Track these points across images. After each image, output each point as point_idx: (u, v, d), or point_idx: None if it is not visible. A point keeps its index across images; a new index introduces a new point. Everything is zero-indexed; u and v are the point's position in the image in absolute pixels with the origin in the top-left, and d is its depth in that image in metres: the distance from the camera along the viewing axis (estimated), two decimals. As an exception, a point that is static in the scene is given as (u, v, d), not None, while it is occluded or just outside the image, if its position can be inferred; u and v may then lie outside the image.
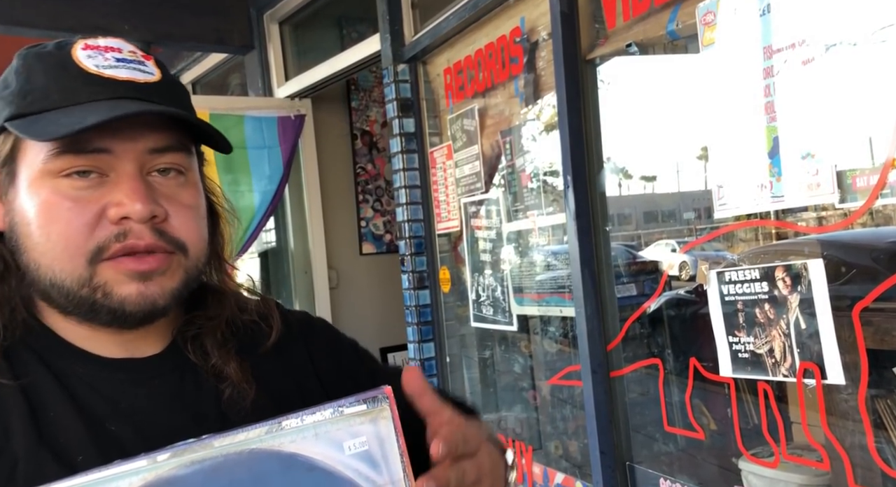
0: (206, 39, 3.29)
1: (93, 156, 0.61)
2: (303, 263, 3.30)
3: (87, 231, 0.61)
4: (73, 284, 0.62)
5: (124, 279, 0.63)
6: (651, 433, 1.63)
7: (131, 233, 0.62)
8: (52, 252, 0.62)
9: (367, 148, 3.58)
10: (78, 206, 0.61)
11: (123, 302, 0.63)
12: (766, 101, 1.21)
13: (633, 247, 1.72)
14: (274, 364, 0.76)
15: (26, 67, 0.65)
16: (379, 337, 3.44)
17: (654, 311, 1.60)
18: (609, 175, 1.67)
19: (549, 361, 1.98)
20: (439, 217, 2.31)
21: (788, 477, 1.31)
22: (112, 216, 0.62)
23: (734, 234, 1.39)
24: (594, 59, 1.64)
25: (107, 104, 0.62)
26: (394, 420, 0.55)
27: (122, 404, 0.65)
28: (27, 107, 0.62)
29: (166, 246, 0.64)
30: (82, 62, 0.64)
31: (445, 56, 2.21)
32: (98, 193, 0.62)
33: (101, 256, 0.62)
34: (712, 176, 1.34)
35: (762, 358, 1.26)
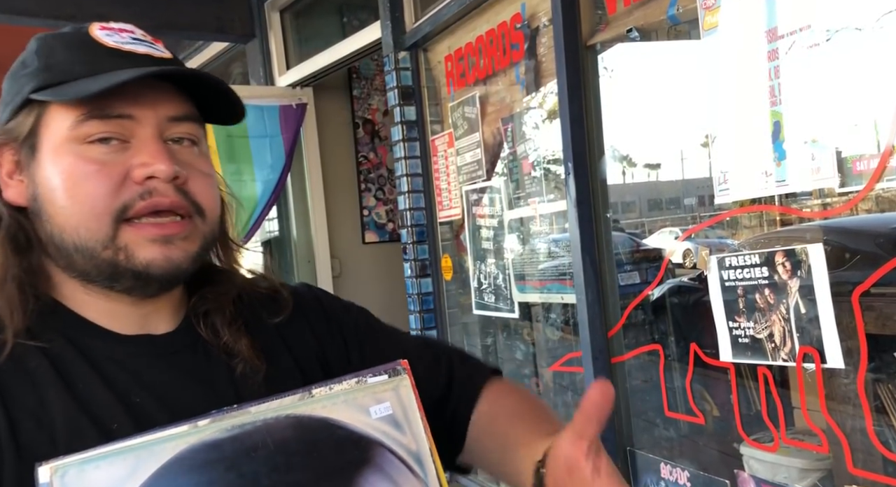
0: (207, 28, 3.29)
1: (117, 121, 0.64)
2: (306, 252, 3.31)
3: (113, 191, 0.64)
4: (96, 245, 0.64)
5: (146, 243, 0.65)
6: (652, 418, 1.63)
7: (156, 191, 0.64)
8: (80, 213, 0.64)
9: (369, 136, 3.58)
10: (105, 169, 0.64)
11: (149, 265, 0.65)
12: (769, 85, 1.20)
13: (637, 235, 1.72)
14: (277, 340, 0.78)
15: (46, 47, 0.67)
16: (382, 325, 3.45)
17: (655, 297, 1.60)
18: (611, 162, 1.66)
19: (550, 348, 1.99)
20: (441, 205, 2.31)
21: (790, 462, 1.31)
22: (137, 176, 0.64)
23: (738, 221, 1.38)
24: (595, 45, 1.63)
25: (131, 70, 0.64)
26: (413, 389, 0.60)
27: (144, 377, 0.68)
28: (52, 78, 0.65)
29: (188, 206, 0.67)
30: (102, 39, 0.66)
31: (446, 43, 2.20)
32: (122, 157, 0.64)
33: (126, 215, 0.64)
34: (714, 161, 1.34)
35: (762, 343, 1.26)
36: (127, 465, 0.51)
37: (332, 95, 3.41)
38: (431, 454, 0.59)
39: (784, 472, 1.33)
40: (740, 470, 1.39)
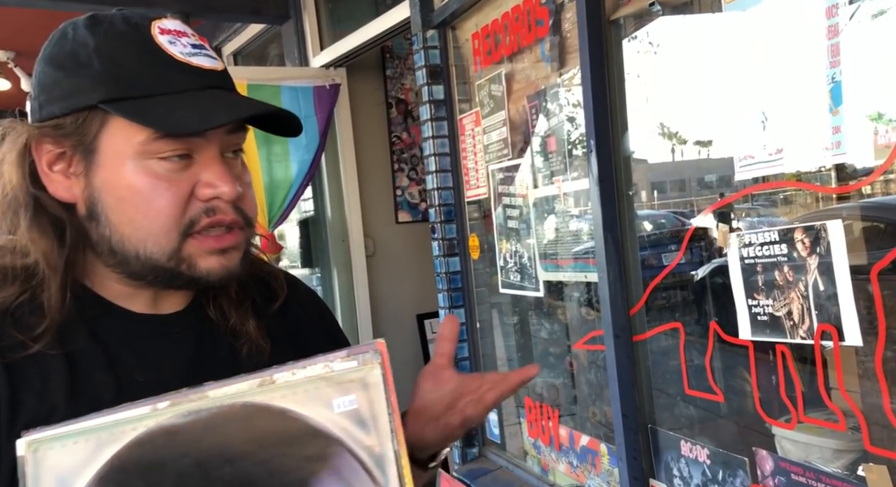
0: (243, 10, 3.34)
1: (190, 140, 0.68)
2: (340, 232, 3.36)
3: (181, 208, 0.68)
4: (161, 256, 0.69)
5: (206, 254, 0.70)
6: (672, 396, 1.63)
7: (219, 209, 0.69)
8: (149, 228, 0.68)
9: (402, 116, 3.60)
10: (173, 186, 0.67)
11: (209, 273, 0.70)
12: (827, 46, 1.15)
13: (683, 215, 1.68)
14: (280, 325, 0.82)
15: (109, 48, 0.67)
16: (415, 304, 3.50)
17: (676, 275, 1.59)
18: (636, 139, 1.65)
19: (574, 326, 2.00)
20: (468, 184, 2.32)
21: (823, 442, 1.30)
22: (204, 195, 0.69)
23: (776, 198, 1.34)
24: (618, 20, 1.61)
25: (208, 95, 0.68)
26: (385, 376, 0.56)
27: (149, 356, 0.71)
28: (125, 90, 0.66)
29: (242, 221, 0.72)
30: (168, 48, 0.68)
31: (474, 20, 2.20)
32: (187, 174, 0.68)
33: (192, 229, 0.69)
34: (741, 137, 1.32)
35: (781, 321, 1.25)
36: (89, 446, 0.52)
37: (365, 75, 3.44)
38: (398, 458, 0.54)
39: (817, 452, 1.31)
40: (759, 448, 1.39)
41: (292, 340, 0.83)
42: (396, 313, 3.48)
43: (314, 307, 0.91)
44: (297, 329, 0.84)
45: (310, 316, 0.88)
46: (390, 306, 3.46)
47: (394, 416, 0.55)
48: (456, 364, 2.52)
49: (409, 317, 3.53)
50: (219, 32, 4.01)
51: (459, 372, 0.77)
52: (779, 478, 1.34)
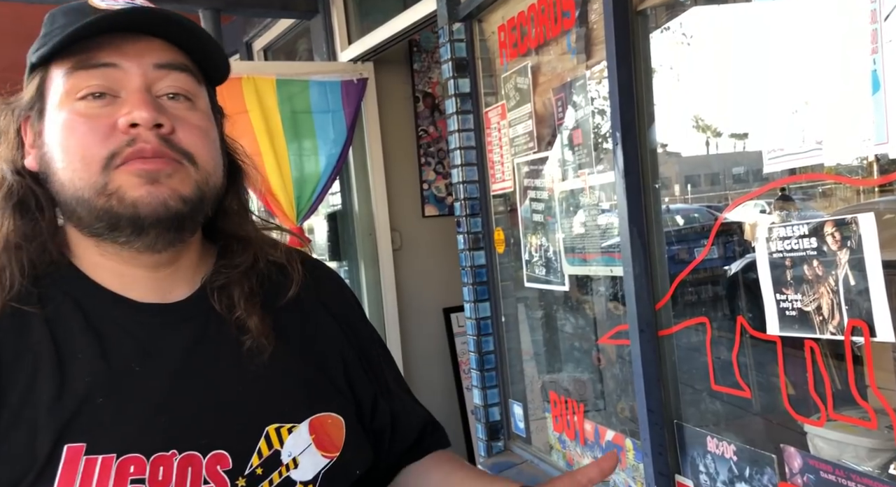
0: (273, 5, 3.38)
1: (101, 70, 0.68)
2: (367, 225, 3.39)
3: (100, 141, 0.67)
4: (91, 193, 0.68)
5: (135, 182, 0.67)
6: (699, 391, 1.61)
7: (139, 138, 0.67)
8: (72, 164, 0.68)
9: (429, 110, 3.60)
10: (92, 121, 0.68)
11: (136, 204, 0.67)
12: (871, 29, 1.11)
13: (713, 207, 1.65)
14: (291, 317, 0.80)
15: (50, 17, 0.72)
16: (442, 297, 3.51)
17: (703, 270, 1.56)
18: (664, 131, 1.62)
19: (599, 320, 1.98)
20: (494, 178, 2.31)
21: (858, 441, 1.27)
22: (121, 124, 0.67)
23: (813, 192, 1.31)
24: (645, 10, 1.59)
25: (103, 22, 0.67)
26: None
27: (149, 346, 0.70)
28: (47, 41, 0.69)
29: (173, 153, 0.69)
30: (96, 4, 0.70)
31: (500, 13, 2.19)
32: (110, 110, 0.68)
33: (114, 162, 0.67)
34: (773, 128, 1.29)
35: (810, 316, 1.22)
36: None
37: (392, 69, 3.44)
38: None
39: (851, 451, 1.28)
40: (787, 445, 1.36)
41: (304, 329, 0.80)
42: (423, 307, 3.49)
43: (337, 297, 0.87)
44: (311, 317, 0.82)
45: (329, 307, 0.85)
46: (417, 300, 3.47)
47: None
48: (482, 356, 2.52)
49: (436, 311, 3.54)
50: (249, 28, 4.06)
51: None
52: (807, 476, 1.32)
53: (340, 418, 0.77)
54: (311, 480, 0.73)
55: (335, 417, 0.77)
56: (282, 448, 0.72)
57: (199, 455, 0.68)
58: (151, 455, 0.66)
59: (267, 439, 0.71)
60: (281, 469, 0.71)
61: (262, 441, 0.71)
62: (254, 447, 0.70)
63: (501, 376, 2.41)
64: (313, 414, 0.75)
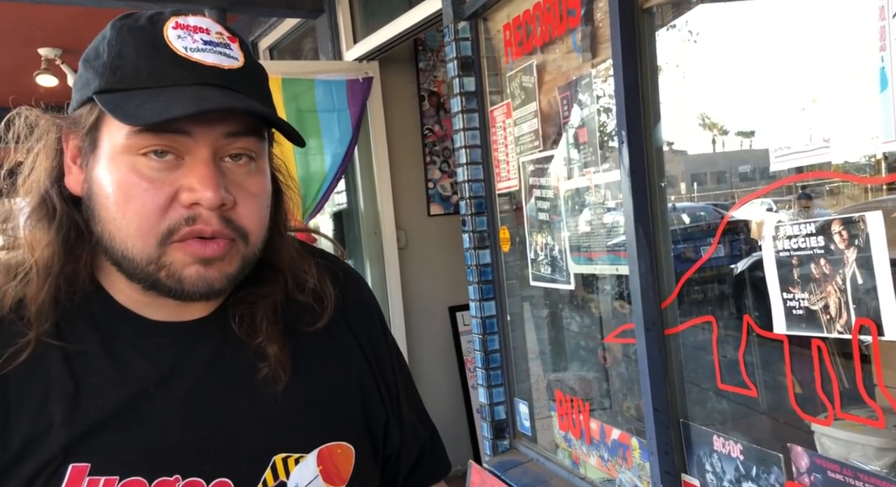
0: (279, 4, 3.38)
1: (171, 136, 0.64)
2: (372, 224, 3.39)
3: (159, 213, 0.65)
4: (142, 261, 0.66)
5: (189, 261, 0.66)
6: (705, 390, 1.60)
7: (200, 218, 0.65)
8: (127, 229, 0.65)
9: (434, 109, 3.60)
10: (153, 188, 0.64)
11: (182, 281, 0.66)
12: (879, 26, 1.11)
13: (720, 206, 1.65)
14: (315, 340, 0.77)
15: (120, 40, 0.67)
16: (447, 296, 3.51)
17: (709, 268, 1.56)
18: (670, 129, 1.62)
19: (605, 319, 1.98)
20: (499, 176, 2.31)
21: (866, 440, 1.27)
22: (184, 200, 0.65)
23: (821, 189, 1.30)
24: (651, 8, 1.58)
25: (191, 90, 0.64)
26: None
27: (164, 367, 0.69)
28: (116, 82, 0.65)
29: (231, 233, 0.67)
30: (172, 43, 0.65)
31: (505, 11, 2.18)
32: (173, 176, 0.65)
33: (171, 238, 0.65)
34: (780, 126, 1.28)
35: (817, 315, 1.22)
36: None
37: (397, 68, 3.45)
38: None
39: (859, 450, 1.28)
40: (794, 445, 1.36)
41: (324, 353, 0.78)
42: (428, 305, 3.49)
43: (363, 316, 0.84)
44: (333, 340, 0.79)
45: (352, 326, 0.82)
46: (422, 298, 3.47)
47: None
48: (487, 355, 2.51)
49: (441, 310, 3.54)
50: (255, 27, 4.07)
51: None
52: (815, 475, 1.31)
53: (351, 447, 0.76)
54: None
55: (345, 446, 0.75)
56: (287, 480, 0.70)
57: (202, 482, 0.67)
58: (154, 480, 0.65)
59: (273, 469, 0.70)
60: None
61: (268, 470, 0.70)
62: (259, 476, 0.69)
63: (507, 374, 2.41)
64: (323, 444, 0.74)
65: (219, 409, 0.70)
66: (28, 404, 0.64)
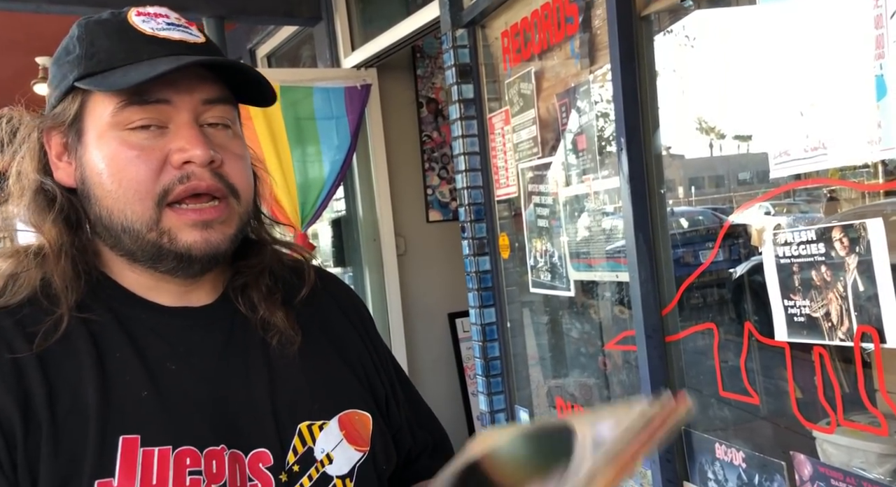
0: (277, 12, 3.38)
1: (154, 107, 0.68)
2: (371, 231, 3.38)
3: (153, 175, 0.68)
4: (142, 227, 0.69)
5: (187, 227, 0.69)
6: (706, 397, 1.60)
7: (193, 175, 0.69)
8: (125, 197, 0.68)
9: (432, 115, 3.60)
10: (144, 154, 0.68)
11: (190, 248, 0.69)
12: (875, 35, 1.11)
13: (720, 211, 1.65)
14: (310, 314, 0.82)
15: (88, 34, 0.71)
16: (446, 302, 3.50)
17: (709, 275, 1.56)
18: (669, 135, 1.62)
19: (606, 326, 1.97)
20: (498, 183, 2.31)
21: (868, 446, 1.26)
22: (175, 161, 0.68)
23: (818, 194, 1.30)
24: (649, 15, 1.58)
25: (167, 59, 0.68)
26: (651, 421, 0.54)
27: (180, 346, 0.72)
28: (94, 66, 0.69)
29: (224, 188, 0.71)
30: (139, 26, 0.70)
31: (503, 19, 2.19)
32: (161, 142, 0.68)
33: (167, 199, 0.68)
34: (778, 132, 1.28)
35: (818, 322, 1.21)
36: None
37: (396, 75, 3.45)
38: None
39: (861, 457, 1.28)
40: (797, 452, 1.35)
41: (324, 329, 0.83)
42: (428, 312, 3.48)
43: (351, 303, 0.90)
44: (328, 319, 0.84)
45: (344, 310, 0.87)
46: (422, 305, 3.47)
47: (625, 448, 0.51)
48: (487, 362, 2.50)
49: (441, 316, 3.53)
50: (252, 35, 4.07)
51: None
52: (818, 483, 1.31)
53: (367, 414, 0.79)
54: (348, 474, 0.75)
55: (362, 414, 0.79)
56: (314, 445, 0.74)
57: (241, 454, 0.70)
58: (204, 449, 0.67)
59: (300, 436, 0.73)
60: (317, 464, 0.73)
61: (295, 438, 0.73)
62: (289, 444, 0.72)
63: (507, 382, 2.40)
64: (342, 411, 0.77)
65: (242, 385, 0.73)
66: (66, 379, 0.66)
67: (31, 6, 2.87)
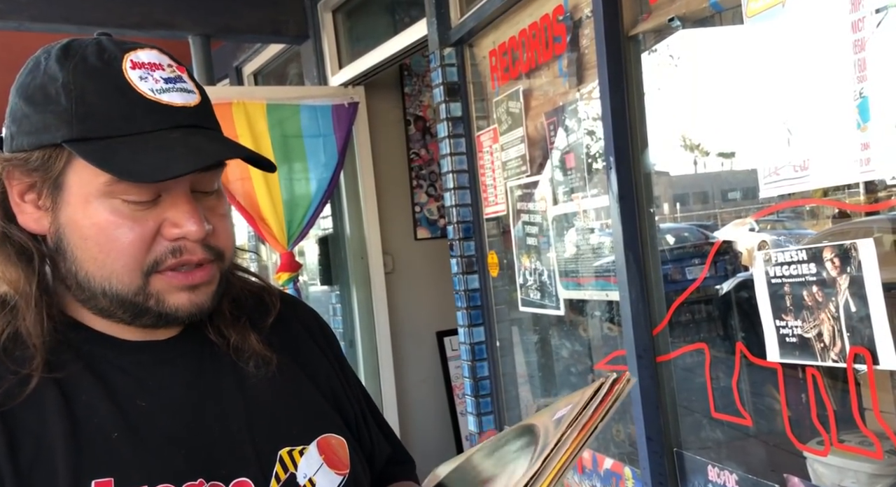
0: (263, 30, 3.38)
1: (151, 183, 0.65)
2: (358, 249, 3.36)
3: (145, 247, 0.66)
4: (127, 293, 0.67)
5: (175, 291, 0.68)
6: (698, 419, 1.58)
7: (185, 249, 0.68)
8: (112, 266, 0.66)
9: (420, 133, 3.60)
10: (137, 226, 0.66)
11: (177, 310, 0.69)
12: (854, 60, 1.12)
13: (707, 228, 1.65)
14: (277, 338, 0.81)
15: (78, 85, 0.65)
16: (435, 321, 3.47)
17: (700, 294, 1.55)
18: (657, 153, 1.62)
19: (596, 345, 1.96)
20: (487, 201, 2.30)
21: (859, 466, 1.25)
22: (170, 235, 0.67)
23: (805, 212, 1.30)
24: (637, 35, 1.59)
25: (174, 138, 0.65)
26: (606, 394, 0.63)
27: (149, 382, 0.70)
28: (87, 131, 0.64)
29: (212, 257, 0.70)
30: (137, 85, 0.65)
31: (491, 37, 2.19)
32: (154, 212, 0.66)
33: (156, 269, 0.67)
34: (767, 152, 1.28)
35: (810, 343, 1.20)
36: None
37: (383, 93, 3.45)
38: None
39: (852, 477, 1.26)
40: (790, 474, 1.34)
41: (293, 354, 0.81)
42: (416, 330, 3.45)
43: (317, 325, 0.89)
44: (297, 344, 0.83)
45: (311, 334, 0.86)
46: (410, 323, 3.44)
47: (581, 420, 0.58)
48: (476, 382, 2.48)
49: (429, 335, 3.50)
50: (239, 53, 4.06)
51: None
52: (811, 506, 1.29)
53: (342, 438, 0.79)
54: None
55: (338, 438, 0.78)
56: (296, 471, 0.73)
57: (222, 485, 0.69)
58: (182, 484, 0.66)
59: (282, 463, 0.73)
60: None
61: (277, 465, 0.72)
62: (271, 471, 0.71)
63: (496, 402, 2.38)
64: (319, 435, 0.77)
65: (217, 415, 0.72)
66: (27, 428, 0.64)
67: (13, 24, 2.84)
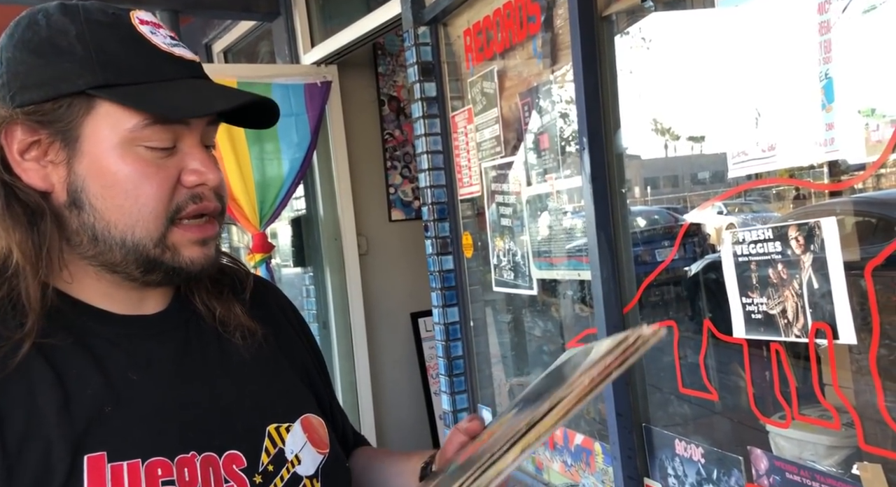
0: (234, 6, 3.32)
1: (175, 128, 0.68)
2: (332, 230, 3.35)
3: (170, 192, 0.69)
4: (149, 242, 0.69)
5: (190, 244, 0.71)
6: (666, 395, 1.62)
7: (204, 196, 0.71)
8: (139, 213, 0.68)
9: (394, 114, 3.58)
10: (161, 172, 0.68)
11: (192, 262, 0.71)
12: (819, 41, 1.14)
13: (676, 211, 1.68)
14: (257, 314, 0.83)
15: (93, 34, 0.66)
16: (409, 302, 3.48)
17: (670, 275, 1.58)
18: (629, 135, 1.63)
19: (567, 324, 1.99)
20: (461, 182, 2.31)
21: (817, 439, 1.29)
22: (189, 181, 0.70)
23: (770, 194, 1.34)
24: (611, 16, 1.60)
25: (198, 84, 0.70)
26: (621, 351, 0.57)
27: (139, 357, 0.71)
28: (114, 77, 0.66)
29: (221, 207, 0.74)
30: (151, 38, 0.68)
31: (465, 16, 2.18)
32: (172, 161, 0.69)
33: (178, 215, 0.70)
34: (734, 133, 1.31)
35: (775, 319, 1.24)
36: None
37: (357, 73, 3.41)
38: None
39: (811, 449, 1.31)
40: (754, 447, 1.38)
41: (273, 335, 0.83)
42: (390, 311, 3.46)
43: (290, 307, 0.92)
44: (274, 325, 0.85)
45: (286, 316, 0.89)
46: (384, 304, 3.44)
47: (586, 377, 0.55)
48: (450, 361, 2.50)
49: (403, 316, 3.51)
50: (208, 30, 3.98)
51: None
52: (773, 477, 1.34)
53: (320, 418, 0.81)
54: (314, 475, 0.76)
55: (317, 418, 0.81)
56: (284, 446, 0.75)
57: (215, 456, 0.70)
58: (175, 457, 0.67)
59: (270, 438, 0.75)
60: (287, 465, 0.75)
61: (266, 440, 0.74)
62: (261, 446, 0.74)
63: (470, 380, 2.40)
64: (302, 414, 0.79)
65: (207, 389, 0.73)
66: (18, 403, 0.64)
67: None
